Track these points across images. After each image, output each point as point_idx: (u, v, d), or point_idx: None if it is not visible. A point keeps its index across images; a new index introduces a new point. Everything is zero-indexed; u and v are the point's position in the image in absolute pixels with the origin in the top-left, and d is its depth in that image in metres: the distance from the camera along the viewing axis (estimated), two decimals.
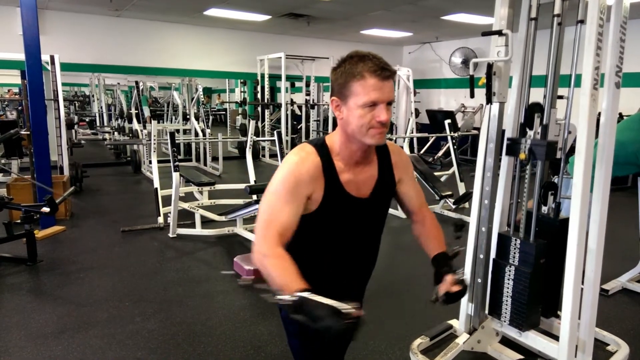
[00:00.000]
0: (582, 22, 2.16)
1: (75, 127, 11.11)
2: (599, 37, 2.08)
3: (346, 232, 1.42)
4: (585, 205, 2.18)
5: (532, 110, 2.35)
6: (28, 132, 4.87)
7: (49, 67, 6.43)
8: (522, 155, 2.32)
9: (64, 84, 7.06)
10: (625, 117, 4.49)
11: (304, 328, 1.51)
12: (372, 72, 1.22)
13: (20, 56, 4.84)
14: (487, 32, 2.36)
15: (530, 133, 2.34)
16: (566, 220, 2.26)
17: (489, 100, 2.38)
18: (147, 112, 9.31)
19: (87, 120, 15.07)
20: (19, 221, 4.03)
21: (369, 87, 1.22)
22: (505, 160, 2.54)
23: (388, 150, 1.46)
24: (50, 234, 4.74)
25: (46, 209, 3.86)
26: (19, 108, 9.52)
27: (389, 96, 1.25)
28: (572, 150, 2.26)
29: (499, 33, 2.32)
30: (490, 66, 2.31)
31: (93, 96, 14.21)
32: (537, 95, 2.39)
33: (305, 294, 1.09)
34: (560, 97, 2.39)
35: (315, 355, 1.56)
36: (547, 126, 2.34)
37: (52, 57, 6.48)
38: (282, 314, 1.57)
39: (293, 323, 1.54)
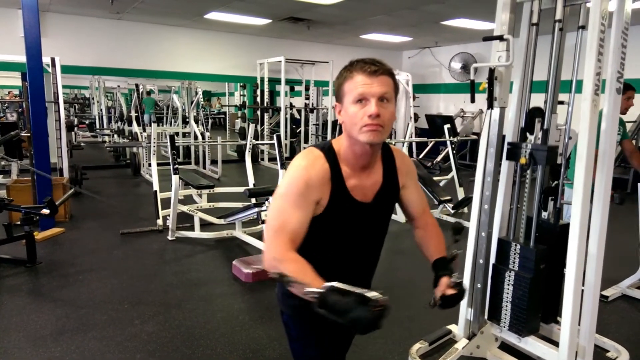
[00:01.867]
0: (584, 27, 2.17)
1: (75, 129, 11.09)
2: (600, 42, 2.08)
3: (349, 235, 1.42)
4: (585, 210, 2.19)
5: (533, 115, 2.36)
6: (28, 134, 4.86)
7: (50, 70, 6.45)
8: (523, 160, 2.32)
9: (64, 86, 7.07)
10: (626, 124, 4.53)
11: (305, 334, 1.51)
12: (360, 69, 1.26)
13: (22, 58, 4.85)
14: (489, 37, 2.37)
15: (530, 138, 2.35)
16: (566, 226, 2.27)
17: (490, 105, 2.39)
18: (152, 117, 9.26)
19: (87, 122, 15.06)
20: (18, 223, 4.03)
21: (357, 83, 1.25)
22: (505, 165, 2.54)
23: (392, 154, 1.46)
24: (49, 235, 4.73)
25: (46, 211, 3.85)
26: (20, 110, 9.53)
27: (379, 90, 1.24)
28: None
29: (500, 38, 2.33)
30: (492, 71, 2.32)
31: (93, 99, 14.21)
32: (537, 100, 2.40)
33: (332, 284, 1.09)
34: (561, 102, 2.40)
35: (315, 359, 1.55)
36: (548, 131, 2.35)
37: (52, 60, 6.49)
38: (283, 318, 1.57)
39: (295, 328, 1.54)
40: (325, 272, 1.45)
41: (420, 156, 9.28)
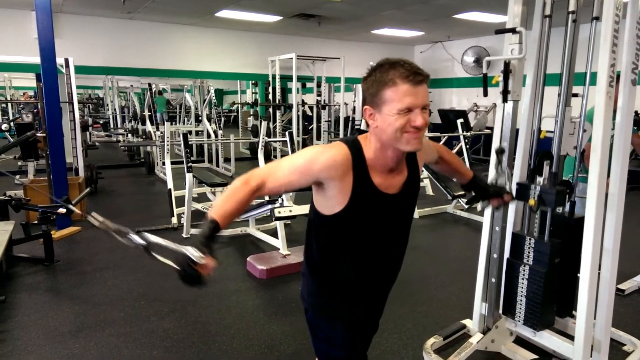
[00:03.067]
0: (598, 19, 2.14)
1: (90, 129, 11.22)
2: (614, 34, 2.06)
3: (376, 229, 1.41)
4: (601, 204, 2.16)
5: (542, 159, 2.36)
6: (44, 134, 4.94)
7: (64, 70, 6.53)
8: (532, 202, 2.34)
9: (78, 87, 7.15)
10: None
11: (331, 334, 1.52)
12: (404, 78, 1.21)
13: (36, 59, 4.92)
14: (501, 30, 2.35)
15: (539, 180, 2.35)
16: (581, 219, 2.25)
17: (505, 99, 2.37)
18: (164, 116, 9.34)
19: (101, 122, 15.23)
20: (36, 222, 4.10)
21: (401, 94, 1.21)
22: (519, 158, 2.52)
23: None
24: (66, 234, 4.81)
25: (62, 210, 3.91)
26: (35, 111, 9.64)
27: (423, 101, 1.23)
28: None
29: (513, 31, 2.31)
30: (507, 64, 2.30)
31: (106, 98, 14.37)
32: (551, 93, 2.38)
33: (152, 238, 1.24)
34: (575, 95, 2.37)
35: (340, 358, 1.55)
36: (557, 174, 2.35)
37: (66, 60, 6.57)
38: (307, 317, 1.57)
39: (321, 329, 1.55)
40: (354, 270, 1.46)
41: None
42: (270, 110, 10.15)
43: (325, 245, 1.45)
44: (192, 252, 1.12)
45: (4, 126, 8.23)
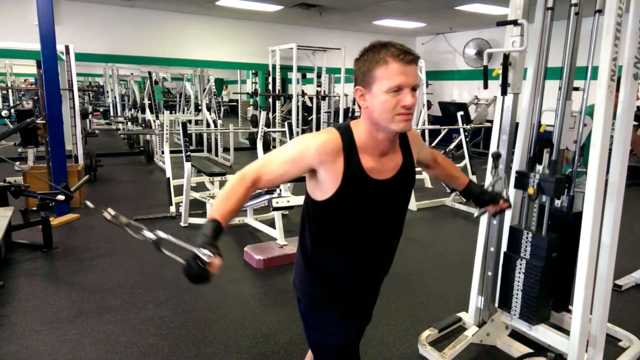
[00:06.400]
0: (600, 12, 2.12)
1: (90, 117, 11.19)
2: (617, 27, 2.04)
3: (368, 216, 1.40)
4: (599, 198, 2.16)
5: (542, 146, 2.34)
6: (44, 121, 4.92)
7: (64, 57, 6.50)
8: (531, 190, 2.32)
9: (78, 74, 7.13)
10: None
11: (322, 322, 1.52)
12: (395, 57, 1.23)
13: (36, 46, 4.89)
14: (503, 22, 2.33)
15: (539, 168, 2.33)
16: (579, 214, 2.24)
17: (504, 92, 2.36)
18: (160, 105, 9.36)
19: (101, 110, 15.20)
20: (34, 208, 4.10)
21: (392, 72, 1.22)
22: (518, 152, 2.51)
23: (405, 133, 1.45)
24: (65, 221, 4.81)
25: (61, 197, 3.91)
26: (35, 98, 9.61)
27: (413, 81, 1.24)
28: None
29: (515, 23, 2.29)
30: (506, 56, 2.29)
31: (107, 86, 14.32)
32: (552, 87, 2.36)
33: (163, 234, 1.22)
34: (576, 89, 2.36)
35: (331, 346, 1.56)
36: (557, 162, 2.33)
37: (66, 47, 6.55)
38: (300, 306, 1.57)
39: (312, 316, 1.55)
40: (346, 262, 1.46)
41: (433, 144, 9.19)
42: (270, 100, 10.10)
43: (317, 233, 1.45)
44: (201, 251, 1.14)
45: (4, 112, 8.20)
